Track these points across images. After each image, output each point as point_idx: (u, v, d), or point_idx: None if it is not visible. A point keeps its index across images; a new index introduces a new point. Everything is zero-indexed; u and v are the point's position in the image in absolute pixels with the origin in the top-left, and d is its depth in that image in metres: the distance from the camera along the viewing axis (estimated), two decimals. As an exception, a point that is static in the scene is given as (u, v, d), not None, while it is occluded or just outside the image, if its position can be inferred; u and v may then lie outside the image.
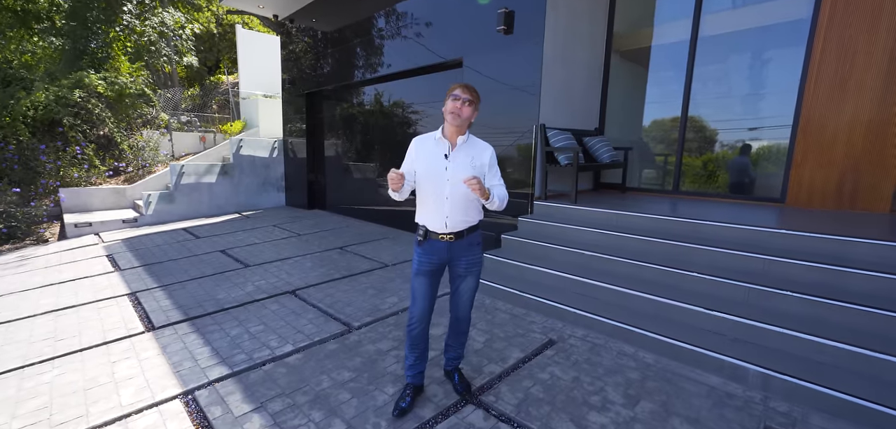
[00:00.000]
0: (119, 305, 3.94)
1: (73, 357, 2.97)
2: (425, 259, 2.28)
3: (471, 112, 2.20)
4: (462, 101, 2.17)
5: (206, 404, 2.42)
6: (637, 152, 5.76)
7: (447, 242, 2.26)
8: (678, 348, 2.88)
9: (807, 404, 2.39)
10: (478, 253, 2.37)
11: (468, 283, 2.37)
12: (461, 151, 2.25)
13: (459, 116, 2.17)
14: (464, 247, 2.29)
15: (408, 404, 2.36)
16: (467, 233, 2.29)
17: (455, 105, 2.17)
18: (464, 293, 2.39)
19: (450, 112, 2.18)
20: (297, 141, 9.52)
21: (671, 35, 5.27)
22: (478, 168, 2.25)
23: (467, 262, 2.32)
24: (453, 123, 2.19)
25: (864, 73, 3.91)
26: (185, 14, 14.98)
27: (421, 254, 2.30)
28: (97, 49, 11.24)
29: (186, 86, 15.86)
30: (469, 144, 2.28)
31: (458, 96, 2.17)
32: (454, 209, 2.22)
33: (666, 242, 3.66)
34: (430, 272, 2.30)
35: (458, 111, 2.16)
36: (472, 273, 2.36)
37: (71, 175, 8.18)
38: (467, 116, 2.19)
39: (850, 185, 4.06)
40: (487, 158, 2.30)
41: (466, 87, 2.20)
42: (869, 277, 2.80)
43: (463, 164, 2.23)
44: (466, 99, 2.18)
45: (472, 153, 2.27)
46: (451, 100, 2.19)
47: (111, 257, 5.66)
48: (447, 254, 2.29)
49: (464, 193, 2.20)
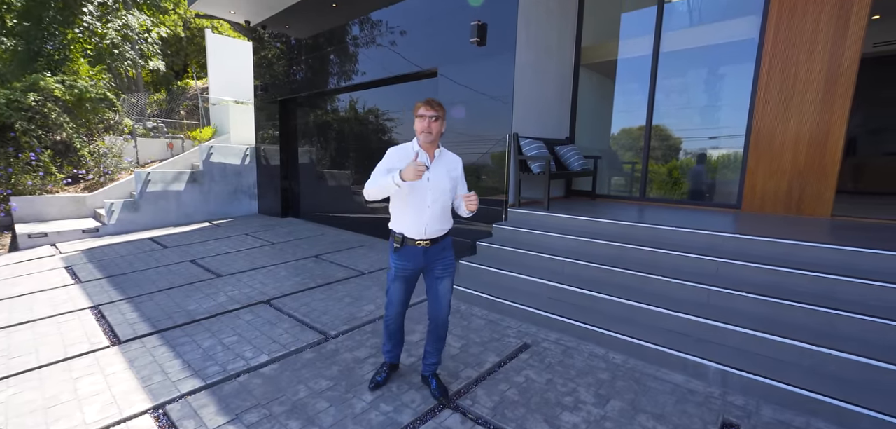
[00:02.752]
0: (80, 319, 3.76)
1: (29, 375, 2.82)
2: (402, 264, 2.42)
3: (440, 126, 2.32)
4: (429, 119, 2.27)
5: (178, 418, 2.36)
6: (606, 160, 6.01)
7: (423, 248, 2.40)
8: (645, 348, 3.03)
9: (760, 397, 2.57)
10: (451, 256, 2.53)
11: (445, 284, 2.50)
12: (439, 163, 2.40)
13: (430, 132, 2.29)
14: (438, 251, 2.46)
15: (383, 379, 2.67)
16: (442, 238, 2.46)
17: (424, 124, 2.27)
18: (443, 295, 2.51)
19: (421, 132, 2.29)
20: (270, 148, 9.35)
21: (635, 49, 5.55)
22: (453, 179, 2.43)
23: (443, 264, 2.48)
24: (426, 140, 2.32)
25: (804, 91, 4.26)
26: (151, 17, 14.46)
27: (397, 260, 2.43)
28: (54, 51, 10.69)
29: (152, 90, 15.27)
30: (443, 156, 2.44)
31: (425, 115, 2.28)
32: (433, 218, 2.38)
33: (634, 246, 3.84)
34: (407, 278, 2.46)
35: (427, 128, 2.28)
36: (448, 274, 2.50)
37: (24, 183, 7.71)
38: (437, 130, 2.31)
39: (797, 192, 4.39)
40: (460, 170, 2.49)
41: (431, 104, 2.29)
42: (813, 277, 3.05)
43: (442, 175, 2.39)
44: (433, 115, 2.28)
45: (448, 165, 2.43)
46: (418, 120, 2.30)
47: (70, 269, 5.38)
48: (423, 259, 2.43)
49: (443, 204, 2.39)
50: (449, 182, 2.39)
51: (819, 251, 3.22)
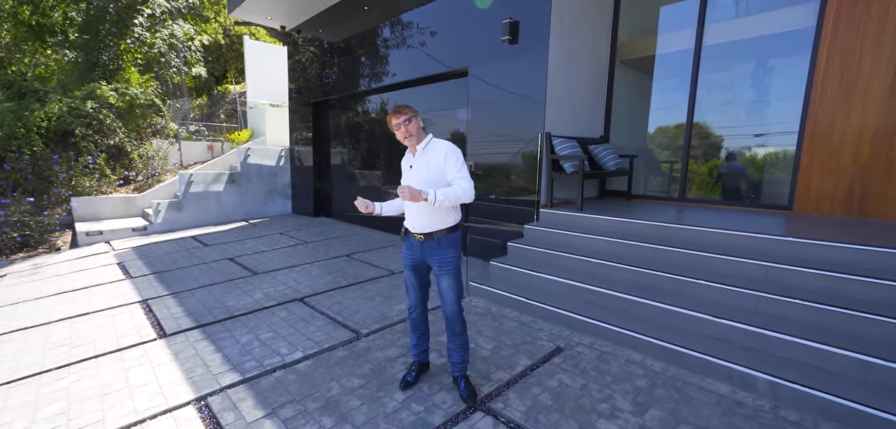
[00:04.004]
0: (131, 313, 4.00)
1: (88, 363, 3.03)
2: (407, 254, 2.59)
3: (414, 127, 2.39)
4: (399, 126, 2.38)
5: (218, 411, 2.45)
6: (642, 160, 5.78)
7: (420, 242, 2.49)
8: (686, 355, 2.88)
9: (817, 412, 2.38)
10: (449, 254, 2.48)
11: (445, 281, 2.50)
12: (421, 159, 2.45)
13: (409, 135, 2.40)
14: (433, 247, 2.47)
15: (413, 379, 2.71)
16: (437, 235, 2.45)
17: (400, 132, 2.39)
18: (446, 293, 2.52)
19: (402, 139, 2.42)
20: (303, 149, 9.62)
21: (675, 44, 5.30)
22: (436, 168, 2.40)
23: (438, 261, 2.48)
24: (410, 143, 2.44)
25: (870, 81, 3.92)
26: (194, 26, 15.24)
27: (404, 249, 2.61)
28: (108, 61, 11.47)
29: (195, 96, 16.09)
30: (428, 149, 2.45)
31: (398, 124, 2.38)
32: (420, 213, 2.44)
33: (672, 249, 3.67)
34: (412, 267, 2.58)
35: (403, 136, 2.40)
36: (445, 272, 2.48)
37: (82, 184, 8.32)
38: (413, 131, 2.39)
39: (859, 191, 4.05)
40: (442, 157, 2.40)
41: (396, 113, 2.38)
42: (877, 285, 2.80)
43: (421, 171, 2.43)
44: (403, 120, 2.36)
45: (429, 157, 2.44)
46: (395, 130, 2.42)
47: (122, 265, 5.74)
48: (420, 252, 2.52)
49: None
50: (428, 175, 2.39)
51: (884, 256, 2.95)
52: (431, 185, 2.35)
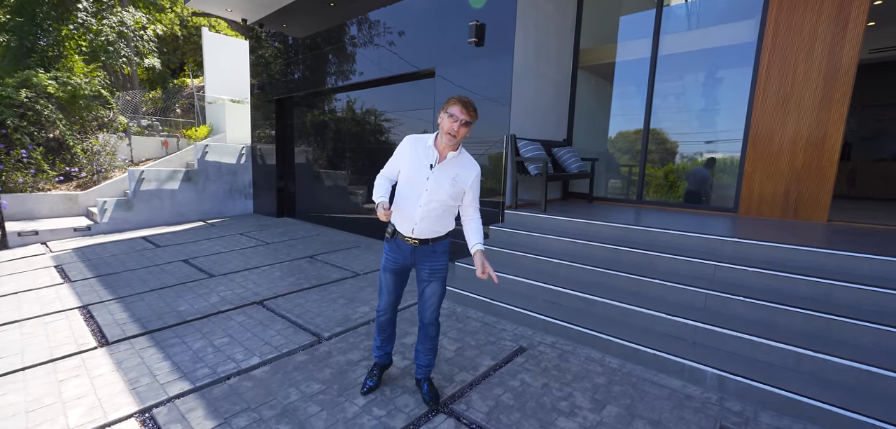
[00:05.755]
0: (69, 319, 3.69)
1: (13, 376, 2.75)
2: (391, 257, 2.37)
3: (466, 132, 2.13)
4: (460, 123, 2.08)
5: (164, 423, 2.30)
6: (603, 163, 5.99)
7: (412, 246, 2.32)
8: (642, 352, 3.00)
9: (758, 403, 2.54)
10: (442, 261, 2.39)
11: (433, 288, 2.39)
12: (447, 166, 2.21)
13: (455, 137, 2.11)
14: (427, 253, 2.34)
15: (375, 383, 2.58)
16: (433, 241, 2.33)
17: (452, 126, 2.08)
18: (429, 298, 2.39)
19: (446, 132, 2.10)
20: (266, 147, 9.28)
21: (633, 52, 5.54)
22: (460, 184, 2.23)
23: (430, 268, 2.36)
24: (449, 143, 2.15)
25: (803, 91, 4.25)
26: (147, 14, 14.36)
27: (388, 251, 2.39)
28: (47, 47, 10.58)
29: (148, 88, 15.16)
30: (458, 159, 2.24)
31: (457, 117, 2.07)
32: (425, 219, 2.25)
33: (630, 249, 3.82)
34: (396, 271, 2.39)
35: (454, 132, 2.09)
36: (435, 279, 2.38)
37: (14, 180, 7.61)
38: (463, 136, 2.13)
39: (794, 195, 4.38)
40: (471, 180, 2.26)
41: (466, 108, 2.08)
42: (811, 282, 3.03)
43: (444, 181, 2.20)
44: (464, 121, 2.08)
45: (458, 171, 2.23)
46: (447, 118, 2.09)
47: (60, 268, 5.29)
48: (411, 257, 2.35)
49: (439, 209, 2.23)
50: (451, 189, 2.20)
51: (816, 256, 3.20)
52: (447, 198, 2.21)
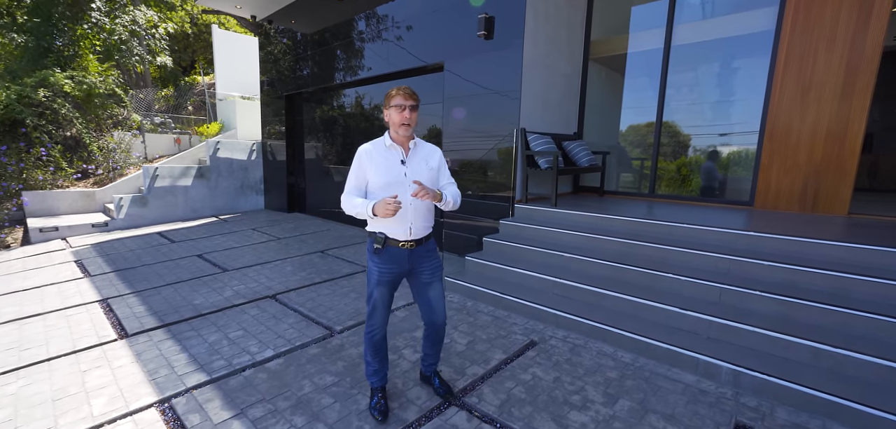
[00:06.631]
0: (89, 313, 3.78)
1: (39, 367, 2.84)
2: (386, 269, 2.23)
3: (416, 117, 2.18)
4: (408, 108, 2.12)
5: (183, 412, 2.36)
6: (614, 157, 5.92)
7: (408, 251, 2.23)
8: (655, 347, 2.97)
9: (774, 398, 2.51)
10: (438, 258, 2.40)
11: (436, 289, 2.35)
12: (415, 155, 2.24)
13: (410, 125, 2.15)
14: (423, 253, 2.30)
15: (386, 405, 2.37)
16: (425, 240, 2.31)
17: (403, 115, 2.12)
18: (436, 301, 2.35)
19: (400, 124, 2.14)
20: (276, 143, 9.36)
21: (645, 43, 5.45)
22: (432, 169, 2.26)
23: (431, 268, 2.33)
24: (405, 133, 2.18)
25: (823, 82, 4.14)
26: (159, 13, 14.54)
27: (380, 263, 2.22)
28: (63, 47, 10.78)
29: (160, 86, 15.37)
30: (419, 147, 2.28)
31: (403, 104, 2.12)
32: (418, 215, 2.22)
33: (642, 243, 3.78)
34: (391, 282, 2.27)
35: (407, 120, 2.13)
36: (437, 278, 2.37)
37: (35, 178, 7.80)
38: (415, 121, 2.17)
39: (813, 188, 4.28)
40: (438, 158, 2.31)
41: (407, 93, 2.13)
42: (830, 276, 2.96)
43: (419, 167, 2.22)
44: (411, 105, 2.13)
45: (424, 154, 2.28)
46: (396, 110, 2.13)
47: (80, 263, 5.43)
48: (408, 263, 2.26)
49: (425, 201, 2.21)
50: (428, 173, 2.22)
51: (835, 249, 3.14)
52: (431, 185, 2.22)
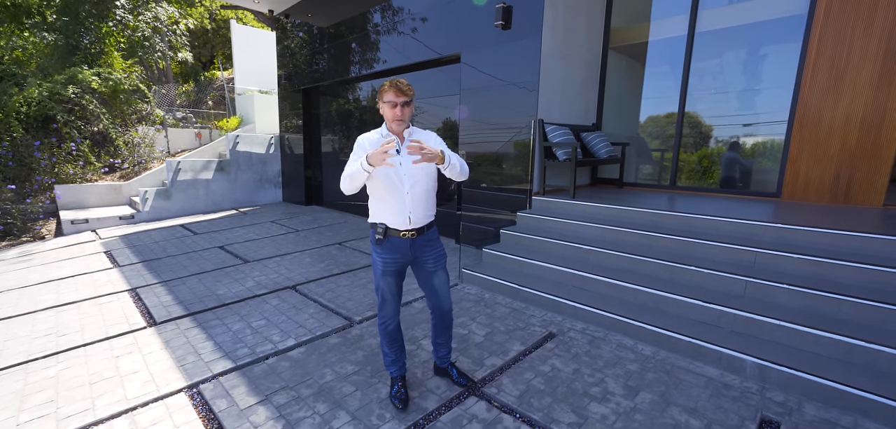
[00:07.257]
0: (120, 301, 3.94)
1: (76, 352, 2.98)
2: (389, 258, 2.25)
3: (411, 110, 2.18)
4: (400, 104, 2.11)
5: (211, 398, 2.44)
6: (634, 148, 5.80)
7: (410, 240, 2.24)
8: (676, 340, 2.93)
9: (801, 393, 2.44)
10: (441, 246, 2.40)
11: (440, 277, 2.38)
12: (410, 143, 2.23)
13: (402, 120, 2.15)
14: (424, 242, 2.30)
15: (406, 394, 2.40)
16: (427, 229, 2.31)
17: (396, 111, 2.12)
18: (441, 288, 2.38)
19: (393, 120, 2.14)
20: (293, 137, 9.49)
21: (668, 30, 5.30)
22: None
23: (434, 257, 2.34)
24: (400, 128, 2.18)
25: (859, 68, 3.96)
26: (179, 9, 14.82)
27: (383, 253, 2.25)
28: (90, 44, 11.11)
29: (181, 82, 15.72)
30: (413, 135, 2.26)
31: (395, 100, 2.11)
32: (416, 203, 2.21)
33: (663, 235, 3.71)
34: (396, 272, 2.28)
35: (399, 117, 2.13)
36: (441, 266, 2.38)
37: (66, 172, 8.11)
38: (408, 116, 2.17)
39: (846, 178, 4.12)
40: (433, 141, 2.27)
41: (400, 90, 2.11)
42: (863, 269, 2.86)
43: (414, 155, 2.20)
44: (403, 102, 2.12)
45: (420, 140, 2.21)
46: (388, 106, 2.13)
47: (109, 254, 5.64)
48: (410, 252, 2.27)
49: (424, 186, 2.23)
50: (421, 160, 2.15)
51: (870, 242, 3.02)
52: (423, 175, 2.21)
